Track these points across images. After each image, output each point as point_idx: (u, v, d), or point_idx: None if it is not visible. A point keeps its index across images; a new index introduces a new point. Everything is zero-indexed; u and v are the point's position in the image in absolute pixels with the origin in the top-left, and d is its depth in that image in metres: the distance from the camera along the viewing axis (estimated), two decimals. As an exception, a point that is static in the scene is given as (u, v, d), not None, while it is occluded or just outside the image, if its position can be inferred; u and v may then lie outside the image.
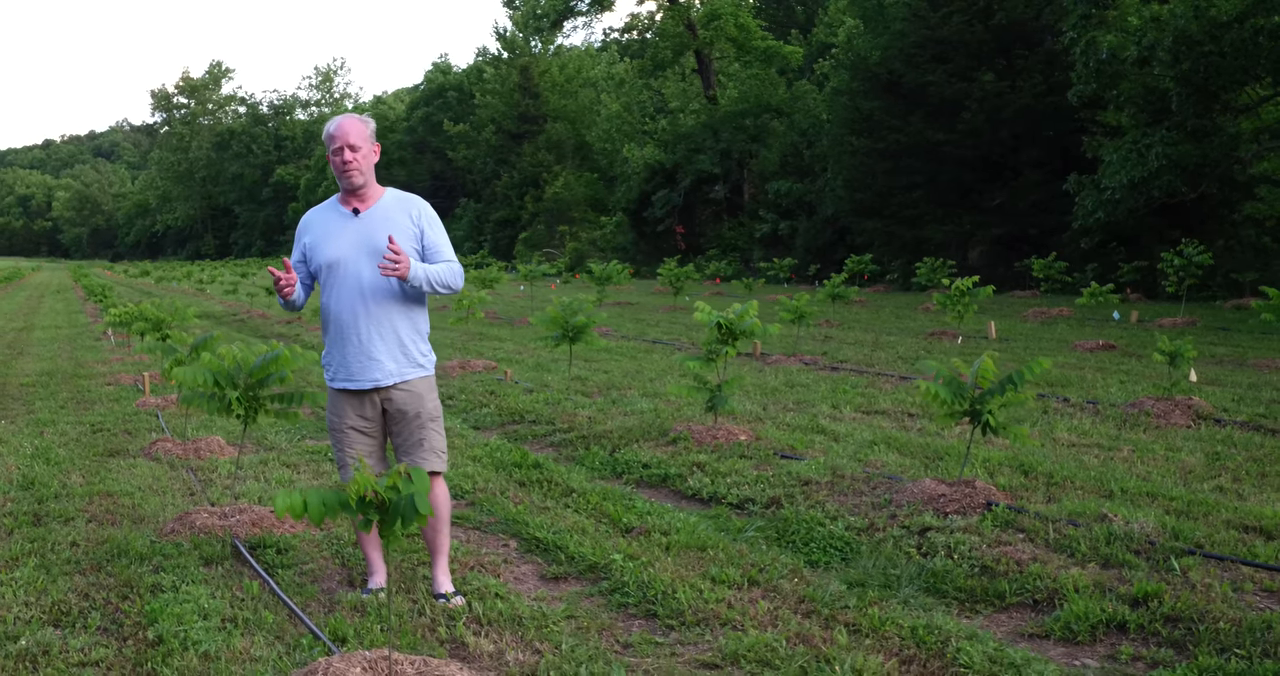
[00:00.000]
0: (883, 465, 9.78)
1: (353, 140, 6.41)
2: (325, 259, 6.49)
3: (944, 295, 20.50)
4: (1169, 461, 10.01)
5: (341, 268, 6.45)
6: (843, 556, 7.40)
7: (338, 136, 6.40)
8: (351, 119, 6.51)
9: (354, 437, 6.53)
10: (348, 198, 6.58)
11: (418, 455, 6.53)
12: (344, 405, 6.55)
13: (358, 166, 6.43)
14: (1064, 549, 7.12)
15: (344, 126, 6.44)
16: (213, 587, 6.62)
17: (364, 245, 6.43)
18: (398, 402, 6.51)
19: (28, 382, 17.29)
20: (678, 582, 6.59)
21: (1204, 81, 30.42)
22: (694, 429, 11.18)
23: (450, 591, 6.56)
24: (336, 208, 6.63)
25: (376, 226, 6.46)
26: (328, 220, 6.62)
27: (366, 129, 6.53)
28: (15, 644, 5.71)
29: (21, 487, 9.50)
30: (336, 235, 6.51)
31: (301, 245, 6.67)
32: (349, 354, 6.47)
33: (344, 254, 6.45)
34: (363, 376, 6.46)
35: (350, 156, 6.39)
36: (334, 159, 6.45)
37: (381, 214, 6.54)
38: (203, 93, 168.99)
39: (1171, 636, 5.78)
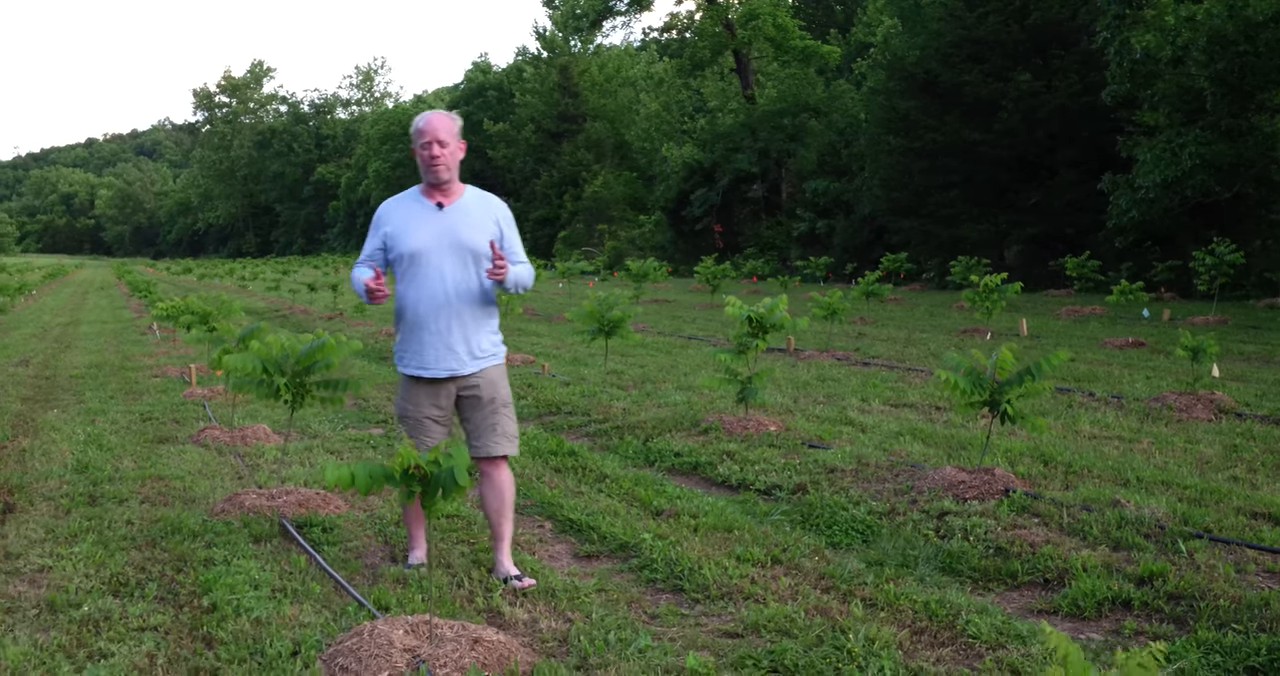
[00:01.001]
0: (907, 454, 10.07)
1: (442, 136, 6.55)
2: (407, 249, 6.61)
3: (973, 292, 20.77)
4: (1187, 453, 10.25)
5: (424, 259, 6.59)
6: (864, 538, 7.70)
7: (427, 131, 6.55)
8: (441, 115, 6.68)
9: (429, 427, 6.69)
10: (431, 191, 6.73)
11: (491, 439, 6.73)
12: (419, 394, 6.71)
13: (445, 162, 6.58)
14: (1076, 532, 7.40)
15: (434, 122, 6.59)
16: (262, 562, 6.96)
17: (447, 238, 6.60)
18: (473, 390, 6.70)
19: (77, 374, 17.66)
20: (704, 560, 6.90)
21: (1238, 81, 30.50)
22: (725, 420, 11.50)
23: (516, 573, 6.73)
24: (419, 199, 6.76)
25: (459, 221, 6.64)
26: (410, 211, 6.74)
27: (455, 126, 6.67)
28: (78, 610, 6.06)
29: (76, 471, 9.87)
30: (419, 227, 6.63)
31: (381, 234, 6.76)
32: (426, 343, 6.62)
33: (427, 246, 6.59)
34: (439, 366, 6.61)
35: (439, 151, 6.54)
36: (422, 153, 6.58)
37: (464, 210, 6.71)
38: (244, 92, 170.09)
39: (1174, 612, 6.04)
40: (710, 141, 64.43)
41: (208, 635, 5.71)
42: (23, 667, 5.25)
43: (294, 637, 5.59)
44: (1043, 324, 25.07)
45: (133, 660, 5.35)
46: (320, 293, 38.63)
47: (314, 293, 39.14)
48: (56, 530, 7.82)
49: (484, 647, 5.18)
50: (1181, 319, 25.08)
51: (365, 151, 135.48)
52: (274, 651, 5.38)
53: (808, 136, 57.64)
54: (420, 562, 6.94)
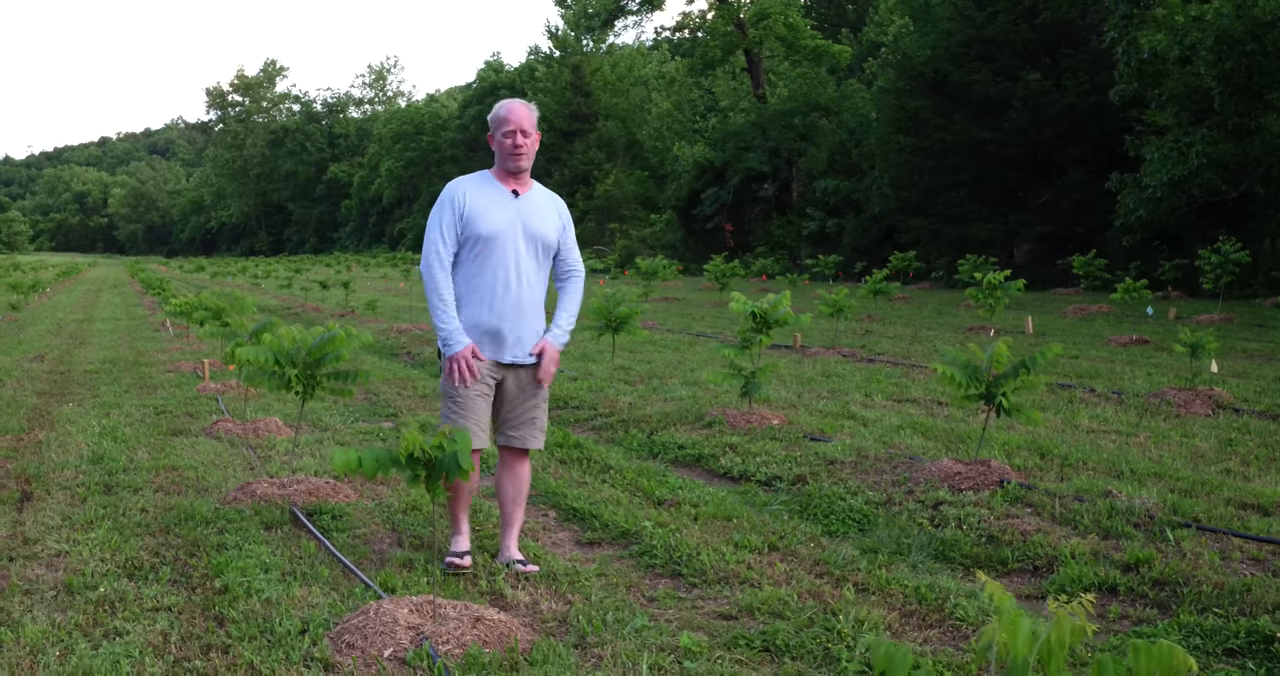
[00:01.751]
0: (906, 447, 10.26)
1: (526, 126, 6.62)
2: (484, 230, 6.58)
3: (976, 290, 20.97)
4: (1182, 446, 10.43)
5: (499, 242, 6.59)
6: (860, 527, 7.88)
7: (512, 120, 6.60)
8: (523, 105, 6.70)
9: (480, 406, 6.65)
10: (506, 177, 6.74)
11: (527, 432, 6.81)
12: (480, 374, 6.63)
13: (526, 151, 6.65)
14: (1068, 521, 7.58)
15: (518, 112, 6.63)
16: (273, 547, 7.16)
17: (521, 226, 6.65)
18: (522, 380, 6.76)
19: (91, 370, 17.85)
20: (702, 547, 7.09)
21: (1246, 81, 30.61)
22: (729, 413, 11.68)
23: (520, 558, 6.82)
24: (494, 183, 6.75)
25: (533, 212, 6.72)
26: (485, 193, 6.70)
27: (535, 116, 6.73)
28: (95, 591, 6.26)
29: (92, 462, 10.07)
30: (497, 210, 6.63)
31: (456, 211, 6.65)
32: (493, 328, 6.61)
33: (503, 230, 6.60)
34: (504, 351, 6.65)
35: (522, 141, 6.61)
36: (504, 141, 6.61)
37: (536, 202, 6.79)
38: (257, 91, 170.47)
39: (1158, 598, 6.22)
40: (721, 141, 64.60)
41: (219, 614, 5.90)
42: (41, 644, 5.45)
43: (303, 617, 5.78)
44: (1049, 322, 25.26)
45: (147, 638, 5.54)
46: (332, 290, 38.81)
47: (326, 290, 39.28)
48: (73, 517, 8.02)
49: (485, 626, 5.38)
50: (1187, 317, 25.23)
51: (378, 150, 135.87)
52: (283, 629, 5.57)
53: (818, 136, 57.78)
54: (465, 550, 6.88)
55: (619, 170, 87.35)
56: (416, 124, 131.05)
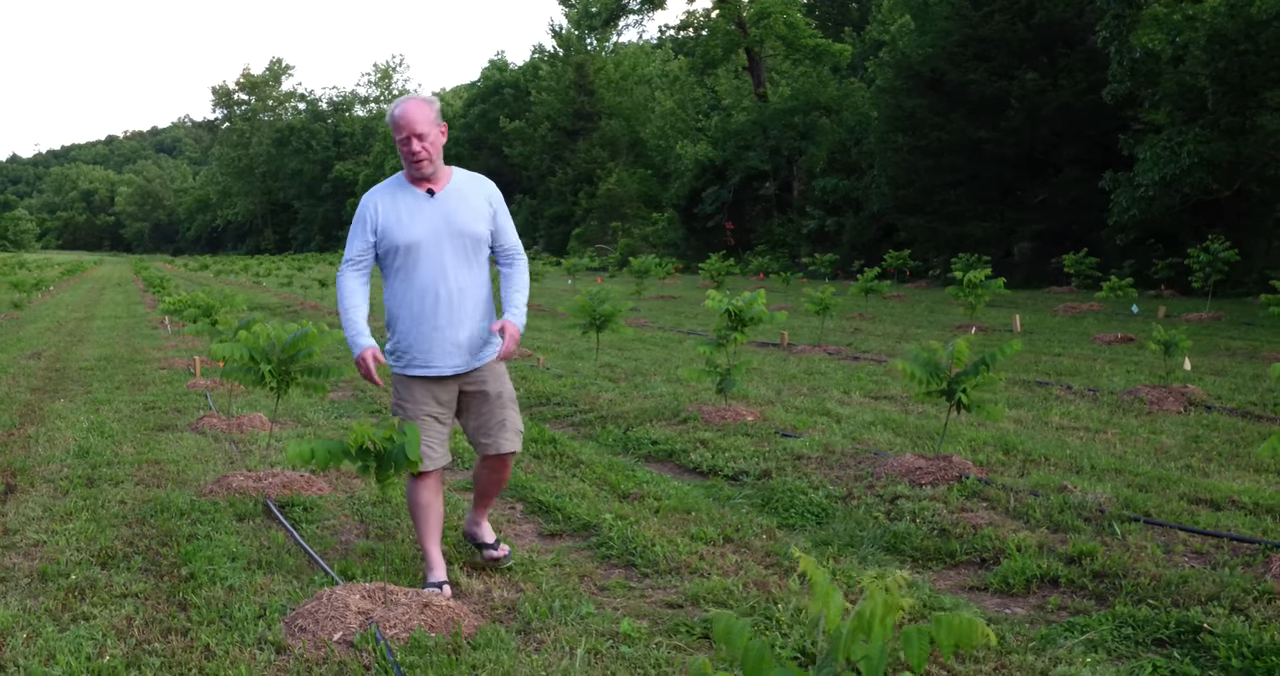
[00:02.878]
0: (874, 443, 10.46)
1: (420, 128, 6.14)
2: (403, 241, 6.22)
3: (958, 288, 21.21)
4: (1148, 443, 10.61)
5: (421, 250, 6.22)
6: (818, 520, 8.08)
7: (404, 125, 6.14)
8: (415, 103, 6.24)
9: (431, 426, 6.35)
10: (418, 180, 6.34)
11: (501, 436, 6.52)
12: (419, 392, 6.38)
13: (427, 156, 6.20)
14: (1020, 515, 7.77)
15: (409, 114, 6.16)
16: (242, 537, 7.39)
17: (444, 227, 6.25)
18: (479, 385, 6.45)
19: (86, 366, 18.08)
20: (658, 539, 7.29)
21: (1239, 80, 30.78)
22: (705, 410, 11.88)
23: (492, 541, 6.84)
24: (406, 187, 6.35)
25: (455, 208, 6.30)
26: (399, 200, 6.32)
27: (432, 111, 6.25)
28: (66, 579, 6.49)
29: (77, 456, 10.31)
30: (413, 216, 6.25)
31: (369, 227, 6.33)
32: (431, 340, 6.29)
33: (423, 236, 6.22)
34: (444, 362, 6.32)
35: (418, 147, 6.16)
36: (401, 148, 6.22)
37: (457, 194, 6.34)
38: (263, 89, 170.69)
39: (1097, 589, 6.40)
40: (722, 139, 64.75)
41: (183, 600, 6.13)
42: (11, 628, 5.68)
43: (261, 602, 6.01)
44: (1039, 320, 25.42)
45: (112, 622, 5.78)
46: (331, 288, 39.05)
47: (325, 288, 39.57)
48: (53, 509, 8.25)
49: (433, 611, 5.60)
50: (1177, 315, 25.39)
51: (383, 149, 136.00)
52: (241, 614, 5.80)
53: (818, 134, 57.92)
54: (443, 581, 6.41)
55: (621, 168, 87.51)
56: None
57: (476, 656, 5.27)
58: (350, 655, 5.26)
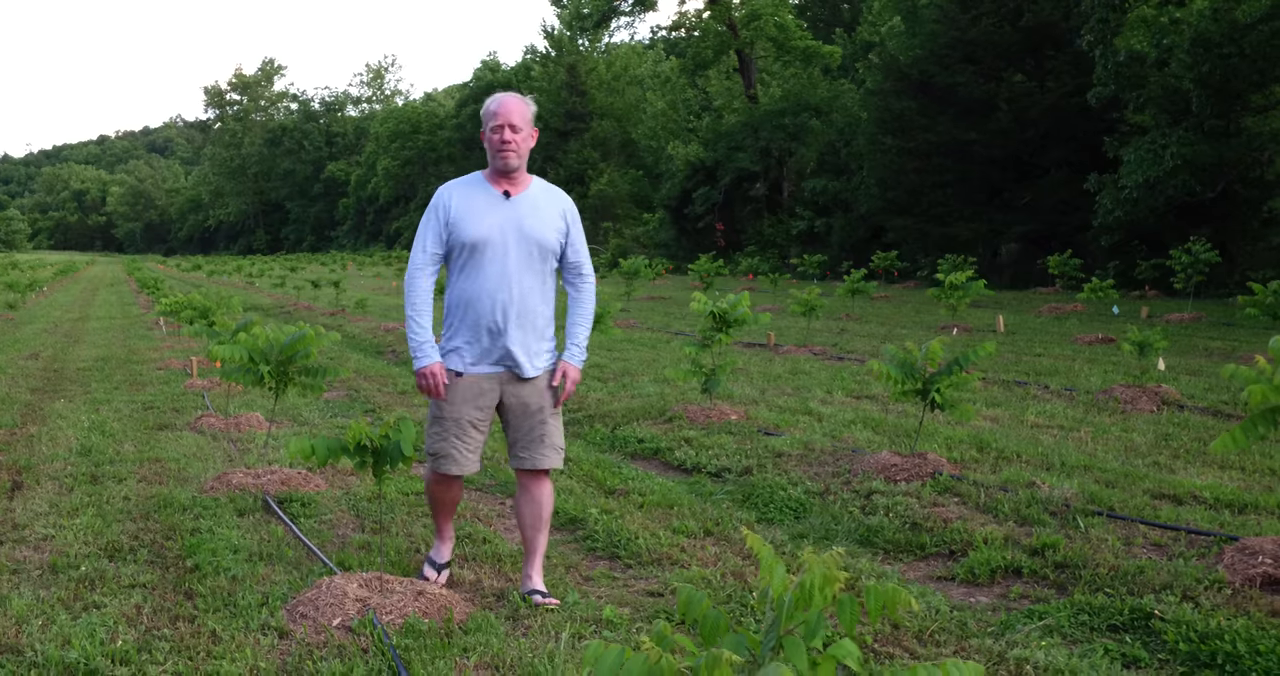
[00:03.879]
0: (853, 441, 10.80)
1: (515, 120, 6.11)
2: (470, 238, 6.13)
3: (939, 289, 21.58)
4: (1120, 441, 10.96)
5: (488, 249, 6.12)
6: (795, 514, 8.42)
7: (500, 114, 6.12)
8: (515, 98, 6.21)
9: (468, 431, 6.24)
10: (498, 178, 6.26)
11: (538, 451, 6.31)
12: (461, 393, 6.20)
13: (516, 148, 6.13)
14: (990, 510, 8.11)
15: (507, 105, 6.15)
16: (244, 531, 7.71)
17: (513, 230, 6.15)
18: (524, 396, 6.27)
19: (84, 367, 18.36)
20: (642, 532, 7.63)
21: (1223, 83, 31.14)
22: (690, 409, 12.22)
23: (542, 590, 6.40)
24: (484, 186, 6.28)
25: (527, 213, 6.21)
26: (473, 197, 6.24)
27: (529, 110, 6.22)
28: (76, 571, 6.80)
29: (80, 454, 10.62)
30: (484, 214, 6.17)
31: (441, 219, 6.24)
32: (484, 342, 6.18)
33: (491, 235, 6.12)
34: (498, 364, 6.22)
35: (510, 136, 6.09)
36: (491, 137, 6.14)
37: (532, 202, 6.27)
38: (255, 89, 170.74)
39: (1057, 579, 6.73)
40: (713, 140, 64.94)
41: (189, 590, 6.46)
42: (26, 616, 6.00)
43: (264, 591, 6.34)
44: (1022, 320, 25.78)
45: (122, 610, 6.10)
46: (324, 289, 39.32)
47: (318, 289, 39.79)
48: (60, 505, 8.57)
49: (426, 599, 5.94)
50: (1159, 316, 25.73)
51: (375, 149, 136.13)
52: (245, 602, 6.13)
53: (808, 136, 58.13)
54: (445, 562, 6.66)
55: (613, 169, 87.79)
56: (413, 123, 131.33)
57: (468, 640, 5.60)
58: (349, 639, 5.59)
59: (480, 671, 5.24)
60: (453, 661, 5.31)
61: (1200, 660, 5.43)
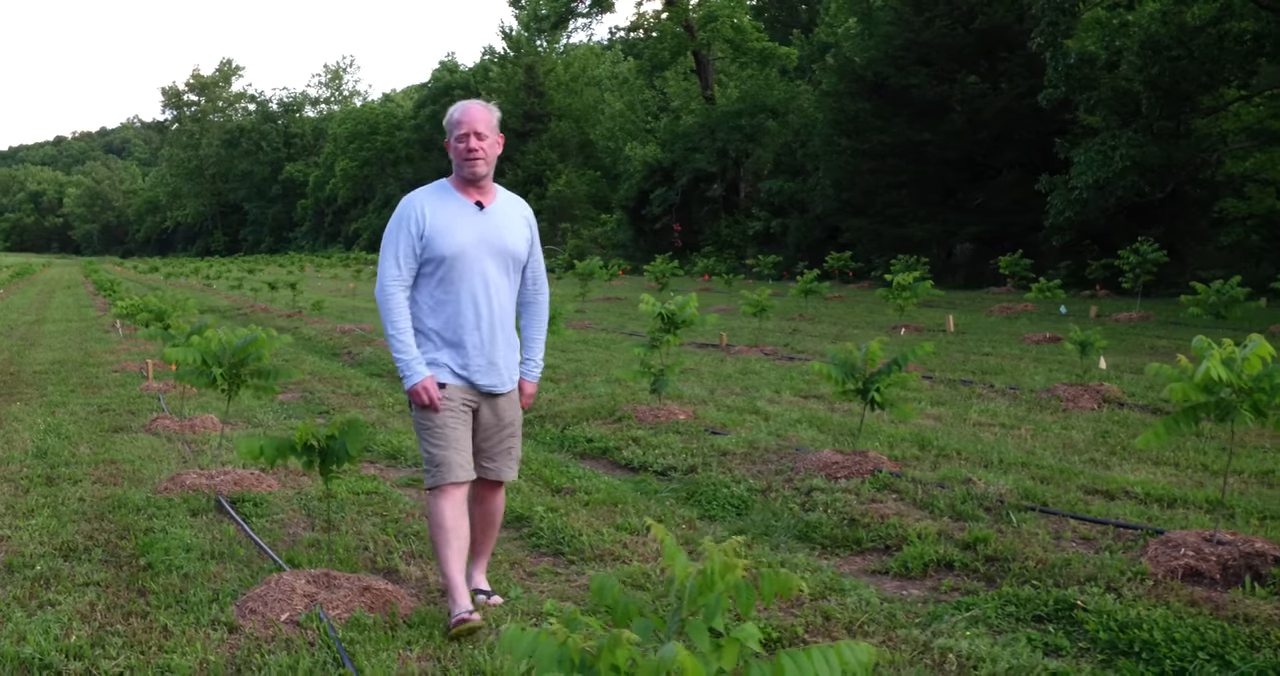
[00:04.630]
0: (798, 439, 11.03)
1: (481, 127, 6.00)
2: (448, 251, 5.99)
3: (886, 290, 21.88)
4: (1059, 438, 11.23)
5: (464, 263, 6.01)
6: (737, 511, 8.64)
7: (465, 122, 6.00)
8: (480, 106, 6.09)
9: (462, 436, 6.11)
10: (467, 188, 6.13)
11: (504, 463, 6.33)
12: (450, 403, 6.07)
13: (484, 155, 6.02)
14: (926, 506, 8.34)
15: (472, 112, 6.03)
16: (196, 531, 7.88)
17: (488, 242, 6.07)
18: (498, 410, 6.24)
19: (40, 370, 18.45)
20: (586, 529, 7.83)
21: (1172, 85, 31.55)
22: (639, 409, 12.43)
23: (487, 589, 6.47)
24: (455, 196, 6.13)
25: (501, 225, 6.14)
26: (446, 207, 6.09)
27: (494, 117, 6.10)
28: (32, 570, 6.97)
29: (36, 456, 10.77)
30: (461, 226, 6.04)
31: (414, 232, 6.04)
32: (469, 356, 6.06)
33: (467, 248, 6.01)
34: (481, 380, 6.11)
35: (477, 145, 5.99)
36: (458, 146, 6.03)
37: (503, 212, 6.21)
38: (213, 90, 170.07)
39: (987, 572, 6.95)
40: (670, 141, 65.22)
41: (142, 587, 6.63)
42: (-19, 614, 6.18)
43: (215, 588, 6.53)
44: (973, 320, 26.10)
45: (76, 607, 6.27)
46: (281, 291, 39.35)
47: (275, 291, 39.82)
48: (16, 506, 8.72)
49: (372, 594, 6.14)
50: (1108, 315, 26.09)
51: (333, 150, 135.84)
52: (196, 599, 6.32)
53: (765, 137, 58.44)
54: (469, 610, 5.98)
55: (571, 170, 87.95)
56: (371, 124, 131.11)
57: (411, 633, 5.80)
58: (296, 633, 5.78)
59: (422, 662, 5.43)
60: (396, 653, 5.51)
61: (1119, 648, 5.64)
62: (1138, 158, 31.88)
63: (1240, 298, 20.02)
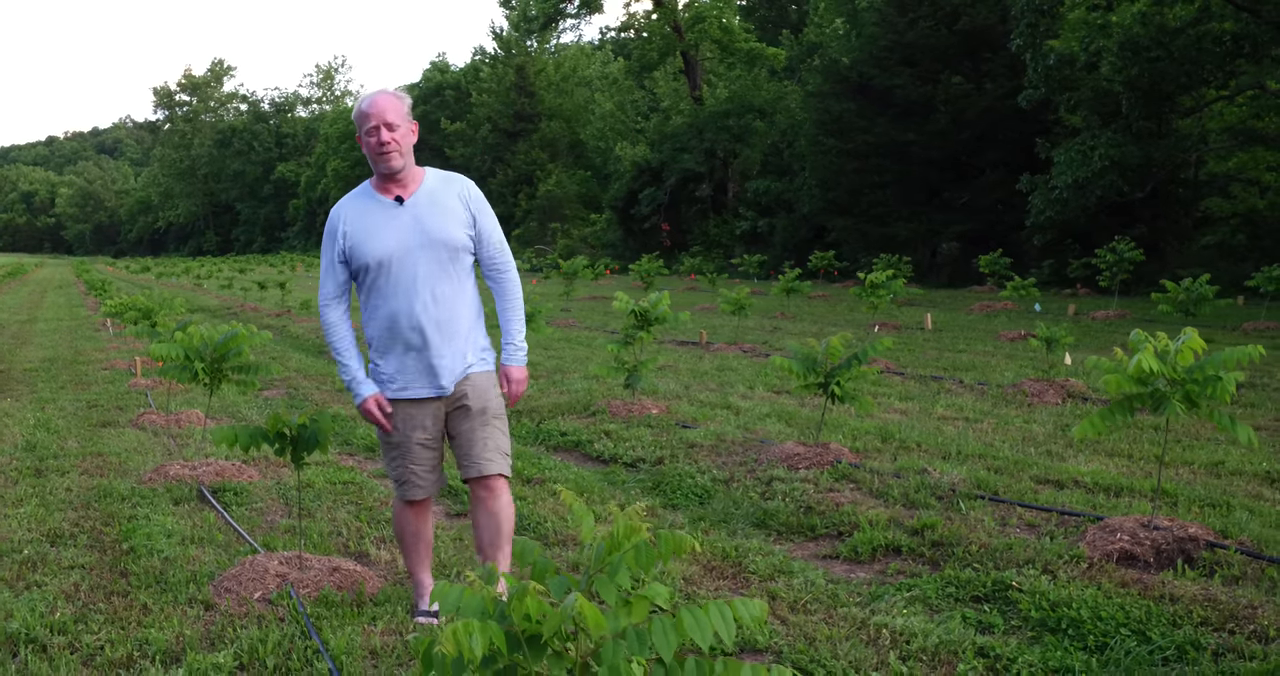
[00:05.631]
0: (764, 432, 11.37)
1: (390, 118, 5.67)
2: (372, 257, 5.72)
3: (860, 288, 22.25)
4: (1019, 431, 11.58)
5: (394, 265, 5.73)
6: (700, 500, 8.97)
7: (372, 114, 5.69)
8: (386, 95, 5.77)
9: (418, 453, 5.94)
10: (386, 184, 5.82)
11: (482, 455, 5.97)
12: (402, 417, 5.90)
13: (396, 147, 5.68)
14: (881, 495, 8.68)
15: (378, 103, 5.72)
16: (178, 518, 8.24)
17: (416, 237, 5.73)
18: (461, 401, 5.91)
19: (31, 368, 18.76)
20: (551, 516, 8.18)
21: (1151, 86, 31.90)
22: (614, 404, 12.77)
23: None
24: (374, 196, 5.84)
25: (426, 215, 5.77)
26: (367, 211, 5.81)
27: (403, 105, 5.78)
28: (20, 554, 7.31)
29: (25, 450, 11.12)
30: (381, 228, 5.75)
31: (338, 243, 5.85)
32: (408, 361, 5.82)
33: (393, 250, 5.72)
34: (427, 384, 5.85)
35: (387, 136, 5.65)
36: (368, 140, 5.72)
37: (428, 199, 5.81)
38: (205, 90, 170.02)
39: (932, 556, 7.28)
40: (659, 141, 65.56)
41: (124, 569, 6.98)
42: (-29, 595, 6.52)
43: (193, 570, 6.87)
44: (952, 318, 26.44)
45: (61, 587, 6.62)
46: (270, 291, 39.62)
47: (264, 291, 40.10)
48: (5, 496, 9.07)
49: (341, 574, 6.49)
50: (1085, 313, 26.44)
51: (325, 150, 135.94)
52: (175, 579, 6.67)
53: (752, 137, 58.81)
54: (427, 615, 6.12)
55: (561, 170, 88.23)
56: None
57: (376, 610, 6.15)
58: (268, 610, 6.13)
59: (385, 637, 5.77)
60: (361, 628, 5.85)
61: (1048, 625, 5.96)
62: (1116, 157, 32.25)
63: (1209, 295, 20.36)
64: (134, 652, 5.61)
